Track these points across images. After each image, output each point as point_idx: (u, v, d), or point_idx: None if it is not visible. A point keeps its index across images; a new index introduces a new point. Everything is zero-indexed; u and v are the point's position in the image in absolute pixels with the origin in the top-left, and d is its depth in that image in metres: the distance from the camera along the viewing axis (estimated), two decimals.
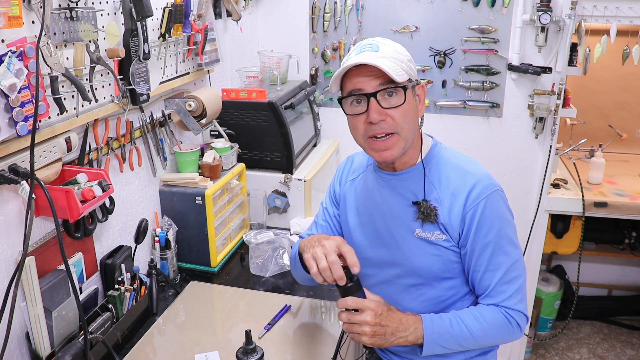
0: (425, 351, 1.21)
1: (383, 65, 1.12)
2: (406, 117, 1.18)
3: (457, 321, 1.22)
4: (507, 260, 1.22)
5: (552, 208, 2.50)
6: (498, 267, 1.22)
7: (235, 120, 2.11)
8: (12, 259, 1.24)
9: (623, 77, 2.90)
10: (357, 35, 2.52)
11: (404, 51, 1.21)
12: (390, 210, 1.30)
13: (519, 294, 1.23)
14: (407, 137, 1.20)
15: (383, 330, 1.18)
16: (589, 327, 3.31)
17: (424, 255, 1.26)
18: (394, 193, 1.30)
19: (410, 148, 1.25)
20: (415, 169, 1.28)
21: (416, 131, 1.25)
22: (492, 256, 1.21)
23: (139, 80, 1.55)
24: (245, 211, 2.09)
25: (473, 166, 1.27)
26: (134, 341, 1.48)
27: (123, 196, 1.66)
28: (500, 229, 1.21)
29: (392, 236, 1.30)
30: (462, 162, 1.28)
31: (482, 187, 1.21)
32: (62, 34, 1.24)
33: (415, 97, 1.23)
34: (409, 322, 1.21)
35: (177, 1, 1.68)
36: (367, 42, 1.20)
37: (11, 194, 1.23)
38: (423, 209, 1.23)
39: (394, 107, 1.16)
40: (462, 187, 1.22)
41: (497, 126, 2.53)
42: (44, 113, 1.20)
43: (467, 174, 1.23)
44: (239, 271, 1.88)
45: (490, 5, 2.33)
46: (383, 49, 1.17)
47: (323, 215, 1.50)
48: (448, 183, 1.24)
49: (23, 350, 1.29)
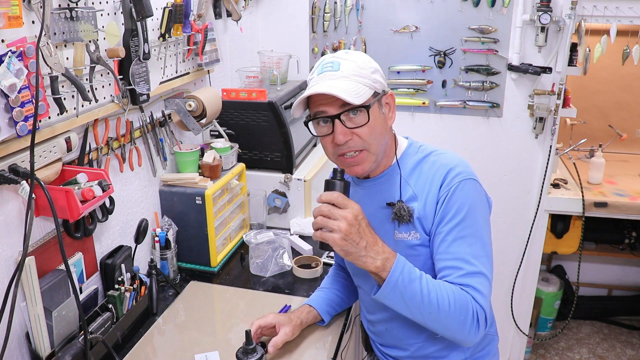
0: (383, 291, 1.11)
1: (339, 91, 1.11)
2: (373, 133, 1.18)
3: (428, 281, 1.13)
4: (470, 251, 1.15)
5: (552, 208, 2.50)
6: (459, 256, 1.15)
7: (235, 120, 2.11)
8: (12, 259, 1.24)
9: (623, 77, 2.90)
10: (357, 35, 2.52)
11: (367, 63, 1.19)
12: (370, 217, 1.26)
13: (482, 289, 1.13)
14: (376, 152, 1.21)
15: (357, 239, 1.09)
16: (589, 327, 3.31)
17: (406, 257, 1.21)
18: (370, 199, 1.30)
19: (384, 157, 1.26)
20: (390, 171, 1.28)
21: (388, 141, 1.25)
22: (452, 243, 1.16)
23: (139, 80, 1.55)
24: (245, 211, 2.09)
25: (448, 156, 1.25)
26: (134, 341, 1.48)
27: (123, 196, 1.66)
28: (467, 218, 1.16)
29: None
30: (437, 155, 1.26)
31: (456, 172, 1.19)
32: (62, 34, 1.24)
33: (383, 108, 1.22)
34: (384, 249, 1.13)
35: (177, 1, 1.68)
36: (328, 60, 1.19)
37: (11, 194, 1.23)
38: (397, 210, 1.23)
39: (359, 126, 1.16)
40: (437, 175, 1.21)
41: (497, 126, 2.53)
42: (44, 113, 1.20)
43: (442, 165, 1.22)
44: (239, 271, 1.88)
45: (490, 5, 2.33)
46: (345, 65, 1.16)
47: None
48: (423, 176, 1.24)
49: (23, 350, 1.29)
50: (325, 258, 1.90)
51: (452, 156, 1.25)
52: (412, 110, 2.57)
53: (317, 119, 1.20)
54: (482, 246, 1.18)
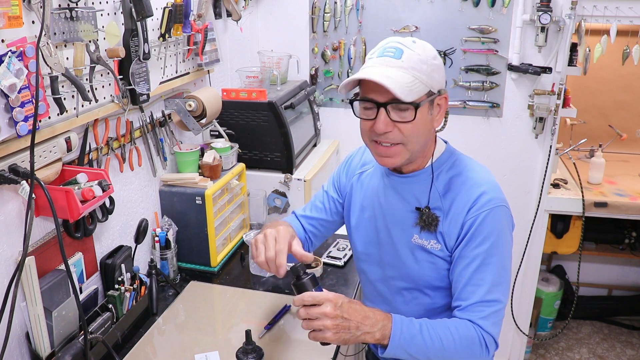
0: (388, 353, 1.12)
1: (393, 84, 1.06)
2: (415, 132, 1.14)
3: (428, 328, 1.14)
4: (492, 279, 1.16)
5: (552, 208, 2.50)
6: (481, 283, 1.15)
7: (235, 120, 2.11)
8: (12, 259, 1.24)
9: (623, 77, 2.90)
10: (357, 35, 2.52)
11: (431, 59, 1.13)
12: (392, 212, 1.28)
13: (495, 317, 1.16)
14: (413, 150, 1.17)
15: (347, 324, 1.08)
16: (589, 327, 3.31)
17: (419, 261, 1.24)
18: (397, 195, 1.28)
19: (419, 156, 1.22)
20: (423, 174, 1.24)
21: (427, 142, 1.21)
22: (477, 270, 1.16)
23: (139, 80, 1.55)
24: (245, 211, 2.09)
25: (484, 175, 1.22)
26: (134, 341, 1.48)
27: (123, 196, 1.66)
28: (494, 245, 1.16)
29: (390, 238, 1.29)
30: (472, 172, 1.23)
31: (487, 199, 1.16)
32: (62, 34, 1.24)
33: (433, 110, 1.17)
34: (376, 318, 1.12)
35: (177, 1, 1.68)
36: (393, 43, 1.13)
37: (11, 194, 1.23)
38: (425, 217, 1.21)
39: (404, 122, 1.12)
40: (467, 198, 1.18)
41: (497, 126, 2.53)
42: (44, 113, 1.20)
43: (475, 185, 1.19)
44: (239, 271, 1.88)
45: (490, 5, 2.33)
46: (407, 55, 1.10)
47: (321, 198, 1.49)
48: (454, 192, 1.20)
49: (23, 350, 1.29)
50: (326, 258, 1.90)
51: (485, 176, 1.22)
52: None
53: (364, 102, 1.15)
54: (503, 274, 1.18)
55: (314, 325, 1.08)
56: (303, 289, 1.11)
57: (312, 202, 1.51)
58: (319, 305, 1.08)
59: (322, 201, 1.48)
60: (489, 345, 1.15)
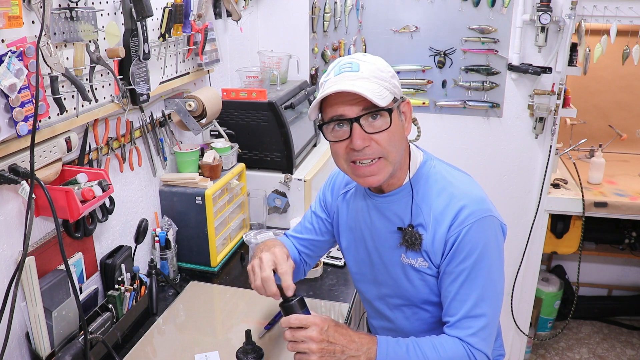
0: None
1: (364, 90, 1.05)
2: (392, 140, 1.11)
3: (415, 348, 1.13)
4: (479, 294, 1.13)
5: (552, 208, 2.50)
6: (467, 298, 1.13)
7: (235, 120, 2.11)
8: (12, 259, 1.24)
9: (623, 77, 2.90)
10: (357, 35, 2.52)
11: (386, 67, 1.14)
12: (377, 233, 1.26)
13: (483, 332, 1.13)
14: (394, 161, 1.14)
15: (332, 348, 1.08)
16: (589, 327, 3.31)
17: (410, 280, 1.23)
18: (380, 216, 1.25)
19: (398, 169, 1.19)
20: (402, 191, 1.21)
21: (404, 151, 1.19)
22: (462, 286, 1.13)
23: (139, 80, 1.55)
24: (245, 211, 2.09)
25: (463, 188, 1.18)
26: (134, 341, 1.48)
27: (123, 196, 1.66)
28: (479, 259, 1.12)
29: (380, 258, 1.28)
30: (451, 184, 1.18)
31: (468, 212, 1.13)
32: (62, 34, 1.24)
33: (401, 116, 1.16)
34: (361, 342, 1.11)
35: (177, 1, 1.68)
36: (346, 60, 1.13)
37: (11, 194, 1.23)
38: (407, 237, 1.18)
39: (379, 132, 1.10)
40: (448, 212, 1.14)
41: (497, 126, 2.53)
42: (44, 113, 1.20)
43: (454, 198, 1.15)
44: (239, 271, 1.88)
45: (490, 5, 2.33)
46: (364, 67, 1.10)
47: (310, 218, 1.48)
48: (434, 207, 1.17)
49: (23, 350, 1.29)
50: (326, 258, 1.90)
51: (466, 189, 1.18)
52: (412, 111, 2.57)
53: (333, 122, 1.12)
54: (491, 287, 1.15)
55: (300, 347, 1.09)
56: (290, 311, 1.12)
57: (302, 222, 1.50)
58: (306, 328, 1.09)
59: (310, 222, 1.47)
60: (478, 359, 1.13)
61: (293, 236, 1.50)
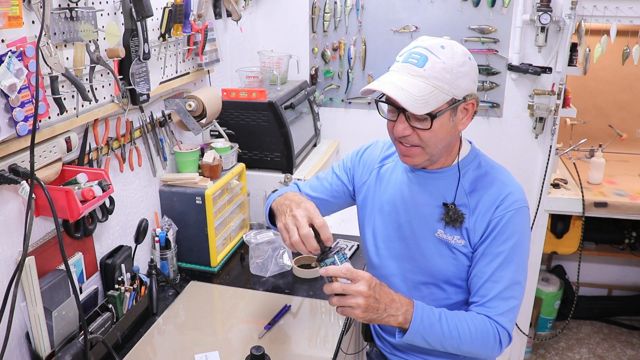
0: (407, 338, 1.15)
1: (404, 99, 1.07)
2: (433, 138, 1.16)
3: (447, 318, 1.18)
4: (512, 277, 1.19)
5: (552, 208, 2.50)
6: (500, 280, 1.19)
7: (235, 120, 2.11)
8: (12, 259, 1.24)
9: (623, 77, 2.90)
10: (357, 35, 2.52)
11: (457, 65, 1.10)
12: (416, 207, 1.29)
13: (511, 314, 1.20)
14: (431, 153, 1.19)
15: (377, 305, 1.11)
16: (589, 327, 3.31)
17: (441, 256, 1.26)
18: (422, 190, 1.29)
19: (444, 155, 1.24)
20: (450, 171, 1.27)
21: (451, 144, 1.23)
22: (499, 267, 1.19)
23: (139, 80, 1.55)
24: (245, 211, 2.09)
25: (510, 177, 1.27)
26: (134, 341, 1.48)
27: (123, 196, 1.66)
28: (517, 244, 1.20)
29: (412, 232, 1.30)
30: (498, 173, 1.27)
31: (514, 199, 1.21)
32: (62, 34, 1.24)
33: (457, 115, 1.17)
34: (401, 302, 1.15)
35: (177, 1, 1.68)
36: (420, 49, 1.12)
37: (11, 194, 1.23)
38: (451, 213, 1.23)
39: (422, 129, 1.15)
40: (495, 196, 1.21)
41: (497, 126, 2.53)
42: (44, 113, 1.20)
43: (502, 185, 1.23)
44: (239, 271, 1.88)
45: (490, 5, 2.33)
46: (430, 64, 1.09)
47: (330, 179, 1.47)
48: (481, 191, 1.23)
49: (23, 350, 1.29)
50: None
51: (510, 178, 1.26)
52: None
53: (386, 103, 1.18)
54: (522, 273, 1.22)
55: (348, 302, 1.09)
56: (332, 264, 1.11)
57: (319, 180, 1.49)
58: (354, 282, 1.09)
59: (330, 182, 1.47)
60: (503, 340, 1.19)
61: (306, 192, 1.48)
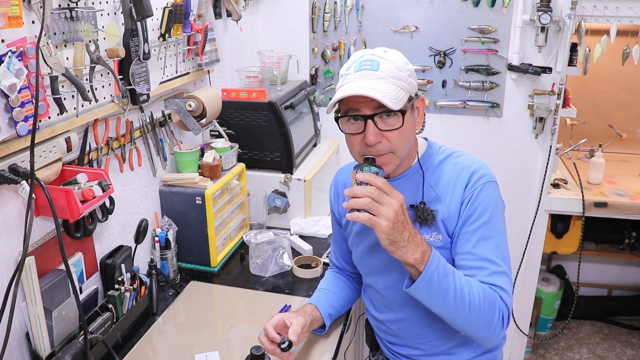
0: (418, 284, 1.10)
1: (381, 95, 1.10)
2: (402, 137, 1.18)
3: (460, 276, 1.14)
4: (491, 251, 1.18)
5: (552, 208, 2.50)
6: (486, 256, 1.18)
7: (235, 120, 2.11)
8: (12, 259, 1.24)
9: (623, 77, 2.90)
10: (357, 35, 2.52)
11: (404, 65, 1.18)
12: None
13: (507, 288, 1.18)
14: (401, 156, 1.21)
15: (403, 228, 1.07)
16: (589, 327, 3.31)
17: None
18: None
19: (406, 158, 1.26)
20: (411, 172, 1.29)
21: (412, 144, 1.25)
22: (477, 244, 1.19)
23: (139, 80, 1.55)
24: (245, 211, 2.09)
25: (471, 157, 1.28)
26: (134, 341, 1.48)
27: (123, 196, 1.66)
28: (491, 219, 1.20)
29: None
30: (459, 156, 1.29)
31: (480, 174, 1.22)
32: (62, 34, 1.24)
33: (414, 113, 1.22)
34: (422, 241, 1.12)
35: (177, 1, 1.68)
36: (368, 56, 1.17)
37: (11, 194, 1.23)
38: (420, 213, 1.23)
39: (391, 130, 1.16)
40: (461, 177, 1.23)
41: (497, 126, 2.53)
42: (44, 113, 1.20)
43: (465, 166, 1.24)
44: (239, 271, 1.88)
45: (490, 5, 2.33)
46: (384, 66, 1.14)
47: (336, 236, 1.55)
48: (446, 177, 1.25)
49: (23, 350, 1.29)
50: (325, 258, 1.90)
51: (474, 158, 1.28)
52: None
53: (349, 116, 1.18)
54: (504, 247, 1.22)
55: (379, 209, 1.05)
56: None
57: (334, 244, 1.58)
58: (389, 194, 1.07)
59: (340, 238, 1.53)
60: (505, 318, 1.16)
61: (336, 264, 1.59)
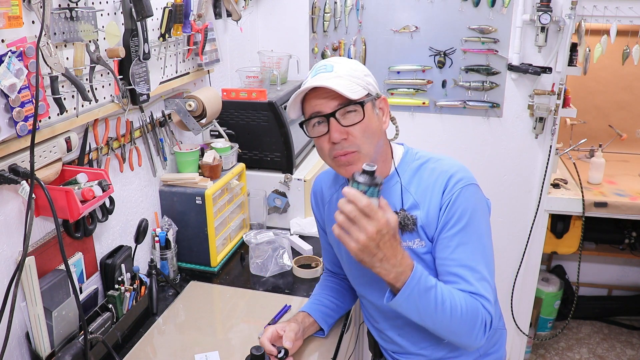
0: (396, 301, 1.10)
1: (336, 85, 1.14)
2: (367, 133, 1.19)
3: (441, 289, 1.12)
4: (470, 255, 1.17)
5: (552, 208, 2.50)
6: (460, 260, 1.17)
7: (235, 120, 2.11)
8: (12, 259, 1.24)
9: (623, 77, 2.90)
10: (357, 35, 2.52)
11: (360, 67, 1.23)
12: None
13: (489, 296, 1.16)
14: (368, 153, 1.20)
15: (375, 251, 1.05)
16: (589, 327, 3.31)
17: None
18: None
19: (380, 164, 1.25)
20: (390, 179, 1.29)
21: (382, 146, 1.25)
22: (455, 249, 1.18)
23: (139, 80, 1.55)
24: (245, 211, 2.09)
25: (449, 161, 1.27)
26: (134, 341, 1.48)
27: (123, 196, 1.66)
28: (470, 223, 1.18)
29: None
30: (437, 161, 1.28)
31: (457, 178, 1.21)
32: (62, 34, 1.24)
33: (377, 111, 1.24)
34: (402, 263, 1.08)
35: (177, 1, 1.68)
36: (322, 63, 1.23)
37: (11, 194, 1.23)
38: (400, 219, 1.22)
39: (354, 124, 1.18)
40: (439, 182, 1.22)
41: (497, 126, 2.53)
42: (44, 113, 1.20)
43: (442, 171, 1.24)
44: (239, 271, 1.88)
45: (490, 5, 2.33)
46: (338, 67, 1.20)
47: (324, 242, 1.56)
48: (423, 183, 1.24)
49: (23, 350, 1.29)
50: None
51: (451, 162, 1.27)
52: (412, 110, 2.57)
53: (312, 120, 1.21)
54: (484, 252, 1.20)
55: (351, 229, 1.05)
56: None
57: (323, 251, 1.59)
58: (368, 218, 1.03)
59: (327, 243, 1.54)
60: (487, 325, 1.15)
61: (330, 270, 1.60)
